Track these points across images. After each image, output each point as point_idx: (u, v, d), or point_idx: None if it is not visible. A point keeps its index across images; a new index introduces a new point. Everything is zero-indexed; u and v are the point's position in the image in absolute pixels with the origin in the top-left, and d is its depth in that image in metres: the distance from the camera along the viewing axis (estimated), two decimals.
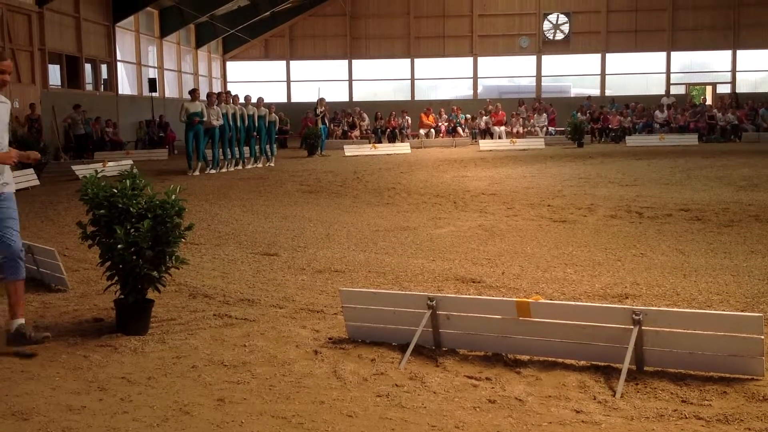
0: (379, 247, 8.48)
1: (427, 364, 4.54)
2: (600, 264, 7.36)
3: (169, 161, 23.02)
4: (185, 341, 5.00)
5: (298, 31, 36.45)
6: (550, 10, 35.32)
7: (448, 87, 36.88)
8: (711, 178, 14.96)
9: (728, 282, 6.47)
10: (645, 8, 34.72)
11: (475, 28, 35.64)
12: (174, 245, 5.22)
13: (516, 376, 4.34)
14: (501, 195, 12.95)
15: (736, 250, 7.85)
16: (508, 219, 10.37)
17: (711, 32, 34.36)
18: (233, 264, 7.65)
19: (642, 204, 11.32)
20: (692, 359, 4.23)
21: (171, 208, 5.13)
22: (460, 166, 19.66)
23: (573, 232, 9.21)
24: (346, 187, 14.77)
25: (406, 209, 11.56)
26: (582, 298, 6.07)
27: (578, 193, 13.04)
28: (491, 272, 7.11)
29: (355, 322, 5.02)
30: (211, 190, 14.57)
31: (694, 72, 35.86)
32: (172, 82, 31.47)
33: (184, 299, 6.15)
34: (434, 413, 3.80)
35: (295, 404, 3.92)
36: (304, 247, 8.55)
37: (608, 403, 3.88)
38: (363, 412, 3.82)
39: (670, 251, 7.89)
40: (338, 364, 4.53)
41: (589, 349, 4.43)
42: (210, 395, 4.04)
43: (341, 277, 7.02)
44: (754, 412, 3.72)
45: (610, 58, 35.33)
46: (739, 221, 9.63)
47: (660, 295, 6.08)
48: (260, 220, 10.68)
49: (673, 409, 3.78)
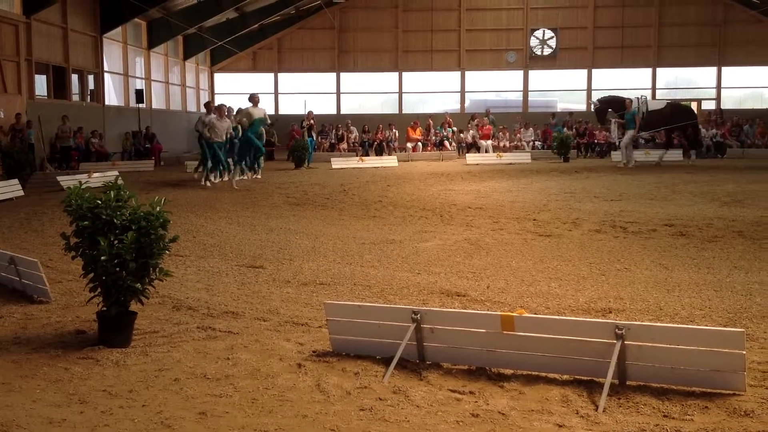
0: (364, 260, 8.48)
1: (411, 378, 4.54)
2: (584, 278, 7.39)
3: (155, 172, 22.94)
4: (168, 354, 4.97)
5: (287, 44, 36.48)
6: (537, 26, 35.52)
7: (435, 101, 36.98)
8: (695, 194, 15.05)
9: (711, 297, 6.51)
10: (631, 25, 34.99)
11: (462, 42, 35.79)
12: (158, 257, 5.21)
13: (499, 389, 4.35)
14: (487, 209, 12.98)
15: (719, 266, 7.90)
16: (494, 233, 10.39)
17: (696, 49, 34.63)
18: (218, 276, 7.63)
19: (626, 219, 11.37)
20: (674, 374, 4.25)
21: (155, 220, 5.12)
22: (447, 179, 19.70)
23: (558, 247, 9.24)
24: (333, 199, 14.76)
25: (393, 222, 11.56)
26: (566, 312, 6.09)
27: (563, 207, 13.09)
28: (476, 286, 7.12)
29: (339, 335, 5.01)
30: (197, 201, 14.53)
31: (680, 88, 36.12)
32: (160, 93, 31.41)
33: (168, 311, 6.13)
34: (417, 427, 3.80)
35: (278, 418, 3.90)
36: (289, 259, 8.54)
37: (590, 418, 3.89)
38: (346, 426, 3.81)
39: (654, 266, 7.93)
40: (322, 377, 4.52)
41: (573, 364, 4.44)
42: (192, 408, 4.02)
43: (326, 290, 7.02)
44: (735, 428, 3.74)
45: (596, 73, 35.53)
46: (723, 237, 9.69)
47: (643, 310, 6.11)
48: (246, 232, 10.66)
49: (654, 424, 3.79)
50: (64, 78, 24.28)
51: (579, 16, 35.36)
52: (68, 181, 15.74)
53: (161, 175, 21.42)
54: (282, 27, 35.74)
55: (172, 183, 18.93)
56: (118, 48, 27.84)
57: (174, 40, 31.81)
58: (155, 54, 30.63)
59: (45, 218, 12.07)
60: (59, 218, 10.87)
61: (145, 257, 5.11)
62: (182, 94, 33.49)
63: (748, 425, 3.76)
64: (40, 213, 12.75)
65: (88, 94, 26.13)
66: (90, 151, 24.13)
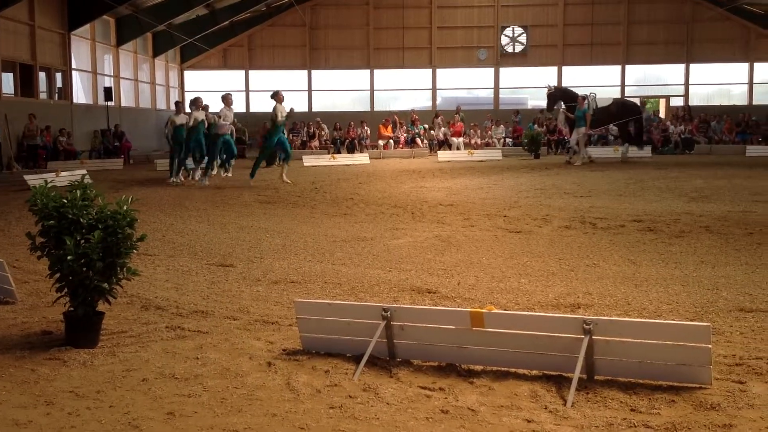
0: (335, 258, 8.46)
1: (381, 375, 4.54)
2: (554, 274, 7.44)
3: (124, 171, 22.73)
4: (136, 354, 4.93)
5: (258, 41, 36.31)
6: (507, 23, 35.70)
7: (407, 98, 37.01)
8: (663, 190, 15.21)
9: (678, 292, 6.58)
10: (600, 22, 35.27)
11: (434, 40, 35.86)
12: (125, 256, 5.16)
13: (469, 386, 4.36)
14: (458, 206, 13.02)
15: (686, 261, 7.99)
16: (465, 229, 10.42)
17: (665, 46, 35.01)
18: (187, 275, 7.57)
19: (596, 215, 11.47)
20: (642, 368, 4.29)
21: (122, 219, 5.07)
22: (419, 176, 19.73)
23: (528, 243, 9.30)
24: (304, 197, 14.72)
25: (364, 220, 11.56)
26: (535, 308, 6.12)
27: (534, 203, 13.17)
28: (447, 282, 7.14)
29: (309, 334, 5.00)
30: (167, 200, 14.42)
31: (648, 85, 36.49)
32: (129, 91, 31.12)
33: (136, 311, 6.08)
34: (387, 424, 3.80)
35: (247, 417, 3.88)
36: (260, 257, 8.50)
37: (559, 413, 3.91)
38: (316, 424, 3.80)
39: (622, 261, 8.01)
40: (292, 375, 4.50)
41: (541, 359, 4.47)
42: (160, 409, 3.99)
43: (297, 288, 6.99)
44: (701, 421, 3.78)
45: (566, 71, 35.78)
46: (690, 232, 9.81)
47: (611, 305, 6.16)
48: (216, 230, 10.60)
49: (622, 418, 3.82)
50: (32, 76, 23.97)
51: (549, 13, 35.58)
52: (35, 180, 15.52)
53: (131, 174, 21.24)
54: (252, 24, 35.57)
55: (141, 181, 18.79)
56: (86, 45, 27.54)
57: (143, 38, 31.52)
58: (124, 51, 30.34)
59: (11, 218, 11.91)
60: (26, 218, 10.72)
61: (112, 256, 5.06)
62: (152, 92, 33.20)
63: (714, 418, 3.80)
64: (6, 212, 12.58)
65: (56, 92, 25.83)
66: (58, 150, 23.85)
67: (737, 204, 12.66)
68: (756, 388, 4.16)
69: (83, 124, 26.62)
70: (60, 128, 24.38)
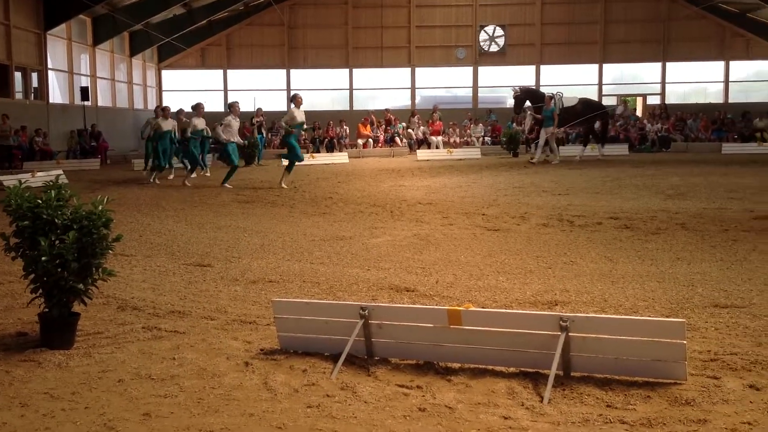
0: (314, 257, 8.45)
1: (358, 374, 4.53)
2: (531, 272, 7.47)
3: (101, 171, 22.57)
4: (112, 355, 4.89)
5: (236, 40, 36.16)
6: (486, 23, 35.80)
7: (386, 97, 37.02)
8: (640, 187, 15.33)
9: (654, 288, 6.63)
10: (578, 21, 35.47)
11: (412, 39, 35.90)
12: (101, 257, 5.11)
13: (447, 383, 4.36)
14: (437, 204, 13.04)
15: (662, 257, 8.05)
16: (444, 228, 10.44)
17: (641, 45, 35.26)
18: (164, 275, 7.52)
19: (573, 212, 11.53)
20: (618, 364, 4.31)
21: (98, 219, 5.02)
22: (398, 175, 19.75)
23: (506, 241, 9.33)
24: (283, 196, 14.69)
25: (343, 219, 11.55)
26: (513, 305, 6.14)
27: (512, 202, 13.22)
28: (425, 281, 7.15)
29: (287, 333, 4.98)
30: (144, 200, 14.34)
31: (625, 84, 36.75)
32: (106, 90, 30.89)
33: (112, 312, 6.03)
34: (364, 423, 3.80)
35: (224, 417, 3.87)
36: (238, 257, 8.47)
37: (536, 409, 3.93)
38: (293, 423, 3.79)
39: (599, 258, 8.06)
40: (269, 375, 4.49)
41: (518, 356, 4.49)
42: (136, 410, 3.96)
43: (275, 288, 6.97)
44: (676, 416, 3.81)
45: (544, 69, 35.95)
46: (666, 229, 9.88)
47: (588, 302, 6.19)
48: (194, 230, 10.54)
49: (598, 414, 3.84)
50: (7, 75, 23.73)
51: (527, 12, 35.71)
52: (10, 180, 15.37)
53: (108, 174, 21.10)
54: (231, 23, 35.42)
55: (119, 181, 18.69)
56: (62, 45, 27.30)
57: (120, 37, 31.31)
58: (101, 51, 30.11)
59: None
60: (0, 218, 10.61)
61: (88, 257, 5.01)
62: (129, 92, 32.97)
63: (689, 413, 3.83)
64: None
65: (32, 91, 25.59)
66: (34, 150, 23.63)
67: (713, 201, 12.78)
68: (730, 384, 4.20)
69: (59, 124, 26.39)
70: (36, 128, 24.16)
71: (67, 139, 26.53)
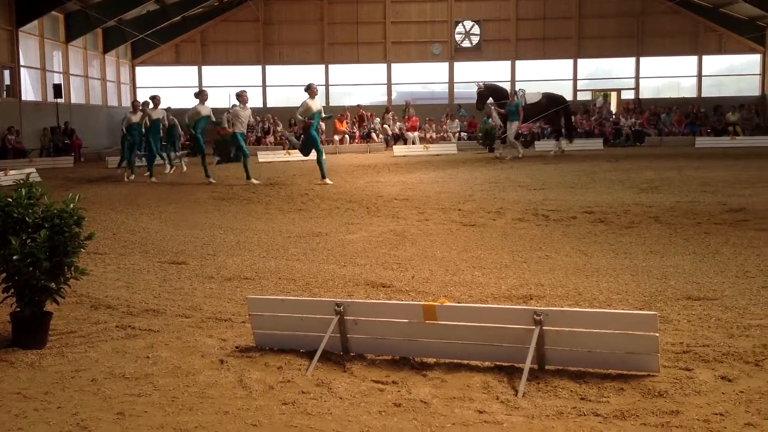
0: (290, 254, 8.43)
1: (334, 370, 4.53)
2: (507, 266, 7.50)
3: (75, 169, 22.36)
4: (85, 354, 4.85)
5: (210, 37, 35.94)
6: (461, 18, 35.85)
7: (362, 93, 36.96)
8: (614, 181, 15.44)
9: (628, 281, 6.69)
10: (552, 16, 35.60)
11: (388, 34, 35.87)
12: (73, 255, 5.07)
13: (422, 378, 4.37)
14: (413, 200, 13.05)
15: (635, 251, 8.12)
16: (420, 223, 10.46)
17: (615, 40, 35.46)
18: (138, 273, 7.47)
19: (548, 207, 11.59)
20: (591, 357, 4.34)
21: (69, 217, 4.98)
22: (374, 171, 19.74)
23: (482, 236, 9.36)
24: (259, 193, 14.63)
25: (319, 215, 11.53)
26: (488, 300, 6.17)
27: (488, 197, 13.26)
28: (401, 276, 7.15)
29: (262, 330, 4.97)
30: (118, 198, 14.22)
31: (600, 78, 36.97)
32: (79, 88, 30.57)
33: (86, 311, 5.98)
34: (340, 419, 3.80)
35: (198, 415, 3.85)
36: (213, 254, 8.43)
37: (510, 403, 3.95)
38: (268, 420, 3.78)
39: (574, 252, 8.11)
40: (244, 372, 4.47)
41: (493, 350, 4.51)
42: (109, 409, 3.93)
43: (251, 285, 6.95)
44: (649, 408, 3.84)
45: (519, 65, 36.06)
46: (640, 222, 9.97)
47: (563, 296, 6.23)
48: (168, 228, 10.48)
49: (572, 407, 3.87)
50: None
51: (502, 8, 35.79)
52: None
53: (82, 172, 20.91)
54: (205, 19, 35.19)
55: (92, 179, 18.53)
56: (34, 42, 26.98)
57: (93, 33, 30.99)
58: (74, 48, 29.79)
59: None
60: None
61: (60, 256, 4.97)
62: (102, 89, 32.66)
63: (662, 405, 3.86)
64: None
65: (4, 89, 25.27)
66: (7, 149, 23.37)
67: (686, 194, 12.90)
68: (702, 375, 4.24)
69: (32, 122, 26.09)
70: (8, 126, 23.88)
71: (40, 137, 26.25)
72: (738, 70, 36.16)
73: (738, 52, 35.38)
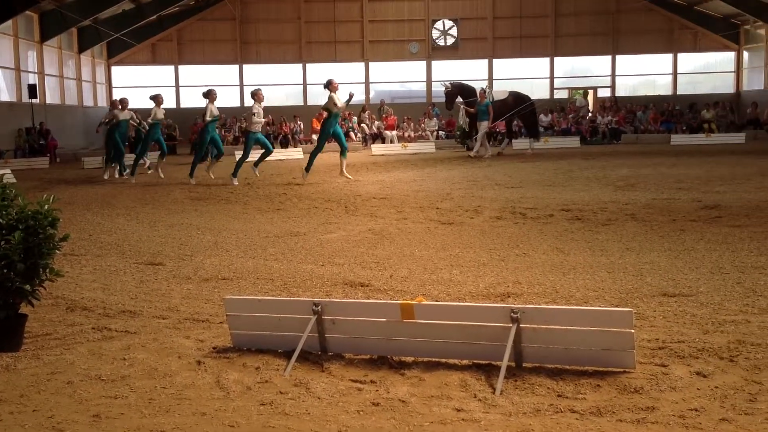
0: (268, 254, 8.41)
1: (312, 370, 4.52)
2: (485, 264, 7.53)
3: (51, 170, 22.15)
4: (61, 356, 4.81)
5: (187, 36, 35.74)
6: (438, 17, 35.90)
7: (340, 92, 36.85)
8: (591, 179, 15.53)
9: (604, 279, 6.74)
10: (529, 15, 35.74)
11: (365, 33, 35.86)
12: (48, 257, 5.03)
13: (400, 377, 4.38)
14: (391, 199, 13.06)
15: (612, 248, 8.18)
16: (398, 222, 10.47)
17: (591, 38, 35.66)
18: (115, 275, 7.42)
19: (526, 205, 11.65)
20: (568, 354, 4.37)
21: (44, 219, 4.94)
22: (352, 170, 19.67)
23: (460, 234, 9.39)
24: (237, 193, 14.58)
25: (297, 215, 11.51)
26: (466, 298, 6.19)
27: (466, 195, 13.30)
28: (379, 275, 7.16)
29: (240, 331, 4.95)
30: (94, 198, 14.12)
31: (576, 77, 37.18)
32: (54, 88, 30.27)
33: (61, 313, 5.93)
34: (318, 419, 3.79)
35: (175, 417, 3.83)
36: (190, 255, 8.39)
37: (488, 401, 3.96)
38: (245, 421, 3.77)
39: (551, 250, 8.15)
40: (222, 373, 4.45)
41: (471, 348, 4.52)
42: (85, 411, 3.90)
43: (229, 285, 6.93)
44: (625, 404, 3.87)
45: (497, 63, 36.18)
46: (616, 220, 10.04)
47: (540, 293, 6.27)
48: (145, 228, 10.41)
49: (549, 404, 3.89)
50: None
51: (478, 6, 35.88)
52: None
53: (57, 173, 20.73)
54: (181, 18, 34.99)
55: (68, 180, 18.36)
56: (8, 42, 26.68)
57: (68, 33, 30.69)
58: (48, 47, 29.49)
59: None
60: None
61: (34, 257, 4.92)
62: (78, 89, 32.36)
63: (638, 401, 3.89)
64: None
65: None
66: None
67: (662, 192, 13.01)
68: (678, 371, 4.28)
69: (7, 123, 25.81)
70: None
71: (15, 138, 25.98)
72: (713, 67, 36.51)
73: (713, 50, 35.71)
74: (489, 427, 3.65)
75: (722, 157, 20.71)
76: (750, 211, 10.36)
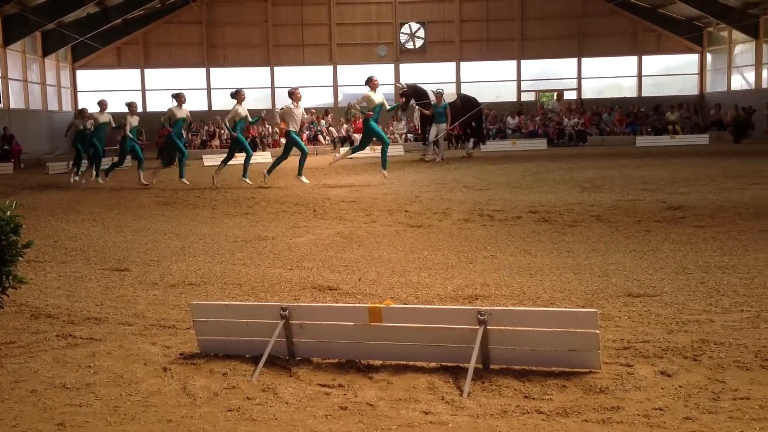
0: (236, 258, 8.36)
1: (280, 375, 4.51)
2: (453, 267, 7.55)
3: (15, 175, 21.84)
4: (24, 365, 4.74)
5: (153, 39, 35.45)
6: (405, 20, 35.99)
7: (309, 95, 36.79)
8: (558, 181, 15.66)
9: (570, 280, 6.79)
10: (495, 18, 35.96)
11: (333, 36, 35.84)
12: (11, 264, 4.97)
13: (368, 381, 4.38)
14: (360, 202, 13.06)
15: (578, 249, 8.25)
16: (367, 225, 10.47)
17: (557, 41, 35.97)
18: (80, 281, 7.33)
19: (493, 207, 11.71)
20: (534, 356, 4.40)
21: (6, 225, 4.88)
22: (321, 173, 19.70)
23: (428, 237, 9.41)
24: (204, 198, 14.49)
25: (265, 219, 11.46)
26: (435, 301, 6.20)
27: (434, 198, 13.34)
28: (348, 279, 7.16)
29: (207, 336, 4.92)
30: (59, 204, 13.94)
31: (543, 79, 37.47)
32: (18, 92, 29.86)
33: (25, 320, 5.84)
34: (285, 424, 3.78)
35: (141, 424, 3.79)
36: (157, 260, 8.31)
37: (455, 403, 3.98)
38: (212, 427, 3.75)
39: (519, 252, 8.20)
40: (188, 380, 4.42)
41: (439, 351, 4.53)
42: (50, 420, 3.85)
43: (196, 291, 6.88)
44: (591, 404, 3.90)
45: (464, 66, 36.35)
46: (582, 221, 10.13)
47: (508, 295, 6.30)
48: (111, 234, 10.31)
49: (516, 405, 3.91)
50: None
51: (446, 9, 36.02)
52: None
53: (22, 178, 20.45)
54: (147, 21, 34.70)
55: (33, 186, 18.11)
56: None
57: (32, 37, 30.29)
58: (12, 51, 29.08)
59: None
60: None
61: None
62: (42, 93, 31.96)
63: (603, 401, 3.93)
64: None
65: None
66: None
67: (627, 193, 13.16)
68: (642, 371, 4.32)
69: None
70: None
71: None
72: (677, 69, 37.00)
73: (676, 52, 36.21)
74: (457, 430, 3.66)
75: (686, 158, 20.99)
76: (713, 212, 10.51)
